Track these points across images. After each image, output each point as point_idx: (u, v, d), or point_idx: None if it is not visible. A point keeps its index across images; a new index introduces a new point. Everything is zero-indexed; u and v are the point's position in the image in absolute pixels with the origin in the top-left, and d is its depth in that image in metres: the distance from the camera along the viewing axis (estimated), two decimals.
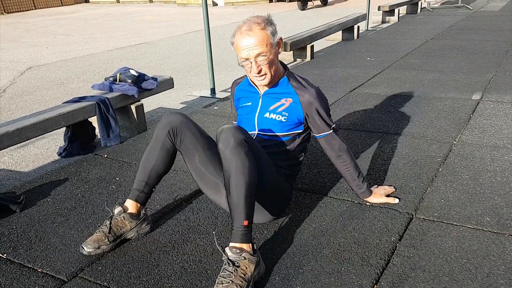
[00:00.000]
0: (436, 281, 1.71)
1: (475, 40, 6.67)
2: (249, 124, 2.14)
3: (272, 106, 2.08)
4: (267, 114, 2.09)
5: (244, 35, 1.91)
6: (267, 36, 1.92)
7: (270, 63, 1.96)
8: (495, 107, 3.62)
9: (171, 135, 2.01)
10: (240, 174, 1.72)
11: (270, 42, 1.93)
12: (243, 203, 1.73)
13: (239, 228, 1.73)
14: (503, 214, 2.12)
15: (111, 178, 2.75)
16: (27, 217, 2.34)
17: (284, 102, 2.07)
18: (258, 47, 1.90)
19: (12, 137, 2.74)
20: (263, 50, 1.91)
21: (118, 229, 2.01)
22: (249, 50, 1.91)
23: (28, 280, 1.85)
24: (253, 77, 2.01)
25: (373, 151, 2.90)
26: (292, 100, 2.06)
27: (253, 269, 1.70)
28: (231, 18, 13.14)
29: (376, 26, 9.09)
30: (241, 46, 1.93)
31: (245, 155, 1.74)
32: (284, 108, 2.06)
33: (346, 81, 4.67)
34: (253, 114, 2.13)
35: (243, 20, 1.98)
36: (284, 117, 2.06)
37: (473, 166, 2.62)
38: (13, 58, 7.90)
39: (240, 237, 1.73)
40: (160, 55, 7.63)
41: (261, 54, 1.92)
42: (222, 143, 1.75)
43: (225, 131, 1.76)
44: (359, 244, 1.96)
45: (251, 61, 1.94)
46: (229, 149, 1.73)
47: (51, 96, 5.26)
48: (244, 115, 2.18)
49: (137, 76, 3.60)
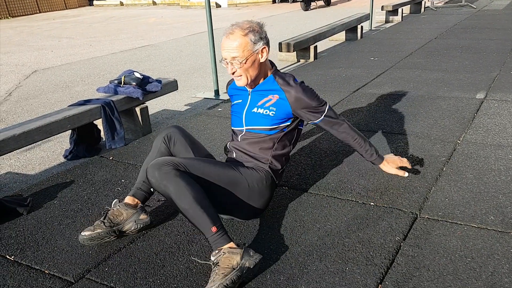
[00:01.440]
0: (441, 280, 1.71)
1: (479, 39, 6.66)
2: (239, 120, 2.24)
3: (260, 102, 2.17)
4: (255, 109, 2.18)
5: (226, 37, 2.04)
6: (246, 43, 2.01)
7: (246, 68, 2.06)
8: (499, 106, 3.61)
9: (165, 140, 2.21)
10: (181, 196, 1.81)
11: (248, 49, 2.02)
12: (200, 215, 1.80)
13: (211, 236, 1.80)
14: (507, 213, 2.12)
15: (117, 180, 2.77)
16: (34, 220, 2.36)
17: (271, 98, 2.15)
18: (235, 51, 2.01)
19: (18, 140, 2.77)
20: (238, 54, 2.01)
21: (114, 217, 2.09)
22: (227, 51, 2.04)
23: (36, 281, 1.87)
24: (230, 75, 2.12)
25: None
26: (278, 96, 2.13)
27: (238, 258, 1.74)
28: (234, 19, 13.14)
29: (379, 26, 9.09)
30: (222, 46, 2.06)
31: (176, 177, 1.82)
32: (271, 103, 2.14)
33: (350, 81, 4.68)
34: (242, 110, 2.22)
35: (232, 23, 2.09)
36: (272, 112, 2.13)
37: (477, 165, 2.62)
38: (19, 62, 7.96)
39: (216, 243, 1.79)
40: (164, 57, 7.66)
41: (236, 58, 2.02)
42: (151, 179, 1.86)
43: (149, 169, 1.87)
44: (363, 243, 1.97)
45: (227, 62, 2.06)
46: (159, 182, 1.83)
47: (57, 99, 5.29)
48: (235, 111, 2.28)
49: (142, 78, 3.62)
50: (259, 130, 2.16)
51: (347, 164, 2.75)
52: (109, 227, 2.05)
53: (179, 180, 1.82)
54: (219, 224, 1.81)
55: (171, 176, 1.82)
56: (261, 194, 2.11)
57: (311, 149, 3.00)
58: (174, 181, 1.81)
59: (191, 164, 1.93)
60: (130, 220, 2.10)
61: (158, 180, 1.83)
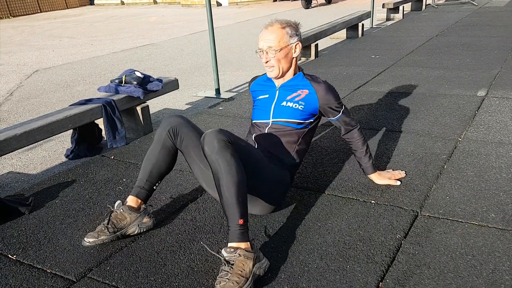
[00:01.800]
0: (441, 277, 1.72)
1: (480, 36, 6.65)
2: (265, 113, 2.29)
3: (289, 96, 2.26)
4: (284, 103, 2.26)
5: (265, 28, 2.18)
6: (283, 34, 2.16)
7: (279, 59, 2.18)
8: (501, 103, 3.61)
9: (171, 134, 2.12)
10: (228, 175, 1.76)
11: (284, 40, 2.16)
12: (235, 203, 1.76)
13: (234, 228, 1.75)
14: (508, 210, 2.12)
15: (118, 179, 2.78)
16: (36, 219, 2.37)
17: (301, 93, 2.25)
18: (271, 41, 2.14)
19: (20, 140, 2.78)
20: (274, 44, 2.14)
21: (118, 221, 2.07)
22: (263, 41, 2.16)
23: (38, 280, 1.88)
24: (264, 66, 2.23)
25: (379, 149, 2.91)
26: (308, 91, 2.24)
27: (251, 265, 1.71)
28: (235, 18, 13.16)
29: (380, 24, 9.08)
30: (259, 37, 2.20)
31: (230, 156, 1.78)
32: (301, 98, 2.24)
33: (351, 79, 4.68)
34: (270, 104, 2.30)
35: None
36: (301, 106, 2.23)
37: (478, 163, 2.62)
38: (20, 62, 7.97)
39: (237, 236, 1.75)
40: (165, 56, 7.67)
41: (271, 48, 2.15)
42: (207, 146, 1.79)
43: (208, 135, 1.81)
44: (364, 241, 1.97)
45: (263, 51, 2.18)
46: (215, 152, 1.77)
47: (58, 99, 5.30)
48: (260, 106, 2.35)
49: (143, 77, 3.63)
50: (286, 123, 2.24)
51: (347, 162, 2.75)
52: (112, 233, 2.04)
53: (231, 158, 1.77)
54: (246, 219, 1.78)
55: (227, 152, 1.77)
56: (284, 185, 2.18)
57: (311, 148, 3.00)
58: (227, 158, 1.76)
59: (243, 145, 1.92)
60: (134, 224, 2.10)
61: (214, 150, 1.77)
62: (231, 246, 1.74)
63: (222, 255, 1.73)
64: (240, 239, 1.74)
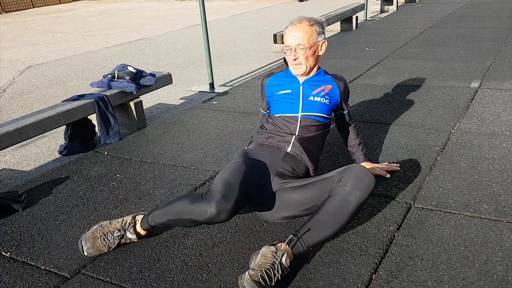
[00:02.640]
0: (434, 269, 1.73)
1: (474, 27, 6.65)
2: (292, 107, 2.29)
3: (315, 91, 2.30)
4: (311, 97, 2.28)
5: (293, 26, 2.19)
6: (312, 32, 2.18)
7: (307, 57, 2.20)
8: (494, 95, 3.62)
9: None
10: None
11: (313, 38, 2.18)
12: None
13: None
14: (500, 201, 2.13)
15: (112, 175, 2.77)
16: (30, 216, 2.36)
17: (324, 88, 2.31)
18: (300, 38, 2.16)
19: (12, 137, 2.76)
20: (304, 42, 2.16)
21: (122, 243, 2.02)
22: (292, 38, 2.17)
23: (32, 277, 1.88)
24: (291, 64, 2.25)
25: (372, 142, 2.91)
26: (331, 86, 2.32)
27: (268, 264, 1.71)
28: (229, 11, 13.11)
29: (374, 16, 9.07)
30: (287, 34, 2.20)
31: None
32: (325, 92, 2.30)
33: (345, 72, 4.68)
34: (297, 99, 2.29)
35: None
36: (327, 100, 2.29)
37: (471, 155, 2.63)
38: (13, 58, 7.92)
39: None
40: (158, 50, 7.64)
41: (300, 45, 2.16)
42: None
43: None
44: (357, 234, 1.98)
45: (291, 49, 2.19)
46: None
47: (51, 95, 5.28)
48: (284, 100, 2.31)
49: (135, 72, 3.61)
50: (315, 117, 2.27)
51: (341, 155, 2.75)
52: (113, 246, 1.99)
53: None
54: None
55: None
56: None
57: None
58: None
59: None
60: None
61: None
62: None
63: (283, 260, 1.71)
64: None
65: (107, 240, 1.96)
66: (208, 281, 1.76)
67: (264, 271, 1.63)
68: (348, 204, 1.78)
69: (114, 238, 1.97)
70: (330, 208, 1.80)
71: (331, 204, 1.80)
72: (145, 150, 3.13)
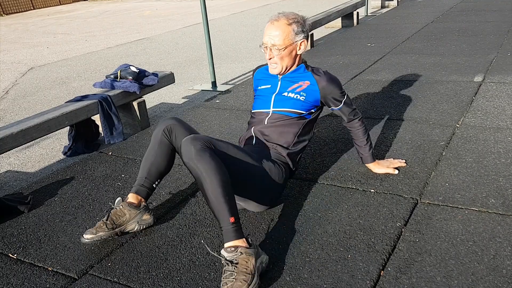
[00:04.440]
0: (443, 264, 1.72)
1: (476, 21, 6.63)
2: (265, 103, 2.28)
3: (291, 87, 2.25)
4: (286, 93, 2.25)
5: (271, 23, 2.12)
6: (289, 32, 2.10)
7: (282, 57, 2.15)
8: (497, 88, 3.60)
9: (166, 133, 2.10)
10: (210, 176, 1.74)
11: (289, 38, 2.11)
12: (223, 202, 1.74)
13: (227, 227, 1.73)
14: (508, 195, 2.12)
15: (117, 175, 2.77)
16: (36, 217, 2.37)
17: (302, 84, 2.24)
18: (276, 38, 2.10)
19: (17, 139, 2.76)
20: (279, 42, 2.10)
21: (117, 218, 2.04)
22: (268, 37, 2.12)
23: (39, 279, 1.88)
24: (267, 60, 2.21)
25: (376, 138, 2.90)
26: (309, 82, 2.23)
27: (254, 261, 1.69)
28: (230, 9, 13.09)
29: (375, 12, 9.05)
30: (265, 31, 2.15)
31: (209, 158, 1.76)
32: (302, 89, 2.24)
33: (347, 69, 4.66)
34: (271, 94, 2.29)
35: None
36: (302, 97, 2.23)
37: (476, 149, 2.62)
38: (14, 60, 7.92)
39: (231, 234, 1.72)
40: (160, 50, 7.63)
41: (276, 45, 2.11)
42: (184, 155, 1.79)
43: (184, 144, 1.80)
44: (364, 231, 1.97)
45: (267, 47, 2.14)
46: (192, 158, 1.76)
47: (54, 96, 5.28)
48: (261, 96, 2.34)
49: (138, 72, 3.61)
50: (286, 113, 2.23)
51: (346, 152, 2.74)
52: (111, 229, 2.02)
53: (211, 161, 1.75)
54: (237, 216, 1.76)
55: (205, 156, 1.75)
56: (278, 184, 2.13)
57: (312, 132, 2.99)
58: (206, 161, 1.74)
59: (224, 146, 1.90)
60: (133, 221, 2.08)
61: (191, 156, 1.76)
62: (230, 246, 1.71)
63: (223, 256, 1.70)
64: (236, 237, 1.72)
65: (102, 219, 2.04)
66: (216, 280, 1.75)
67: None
68: (193, 171, 1.79)
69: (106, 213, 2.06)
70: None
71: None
72: None
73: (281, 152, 2.20)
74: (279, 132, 2.22)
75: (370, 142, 2.38)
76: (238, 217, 1.76)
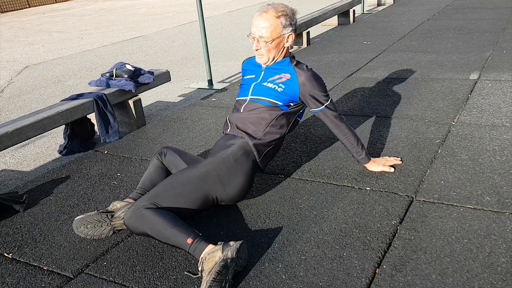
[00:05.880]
0: (438, 262, 1.72)
1: (472, 19, 6.64)
2: (245, 91, 2.35)
3: (272, 78, 2.28)
4: (265, 83, 2.28)
5: (260, 14, 2.13)
6: (277, 25, 2.12)
7: (269, 49, 2.18)
8: (493, 86, 3.61)
9: (158, 156, 2.29)
10: (151, 228, 1.84)
11: (277, 31, 2.13)
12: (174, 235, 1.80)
13: (191, 248, 1.78)
14: (503, 193, 2.13)
15: (113, 174, 2.76)
16: (31, 216, 2.36)
17: (283, 76, 2.26)
18: (264, 30, 2.12)
19: (12, 138, 2.75)
20: (267, 35, 2.12)
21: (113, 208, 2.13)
22: (256, 28, 2.14)
23: (35, 278, 1.87)
24: (254, 50, 2.24)
25: (372, 136, 2.90)
26: (289, 76, 2.24)
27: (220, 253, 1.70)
28: (226, 7, 13.07)
29: (372, 9, 9.05)
30: (253, 22, 2.17)
31: (141, 216, 1.86)
32: (282, 81, 2.25)
33: (343, 66, 4.66)
34: (252, 83, 2.34)
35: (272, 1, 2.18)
36: (280, 88, 2.24)
37: (472, 146, 2.63)
38: (10, 58, 7.89)
39: (196, 251, 1.76)
40: (156, 48, 7.61)
41: (263, 37, 2.14)
42: (129, 227, 1.90)
43: (125, 221, 1.91)
44: (360, 228, 1.97)
45: (254, 38, 2.17)
46: (134, 228, 1.88)
47: (49, 94, 5.26)
48: (244, 84, 2.40)
49: (133, 70, 3.60)
50: (262, 101, 2.25)
51: (342, 150, 2.74)
52: (101, 212, 2.07)
53: (145, 215, 1.85)
54: (193, 234, 1.80)
55: (139, 216, 1.85)
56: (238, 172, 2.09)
57: (306, 137, 2.99)
58: (141, 219, 1.85)
59: (160, 190, 1.96)
60: (123, 209, 2.09)
61: (132, 226, 1.87)
62: (199, 259, 1.74)
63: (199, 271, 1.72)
64: (200, 250, 1.76)
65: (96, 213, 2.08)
66: None
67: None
68: None
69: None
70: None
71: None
72: (145, 148, 3.12)
73: (247, 141, 2.19)
74: (251, 121, 2.24)
75: (361, 144, 2.36)
76: (194, 234, 1.81)
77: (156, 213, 1.85)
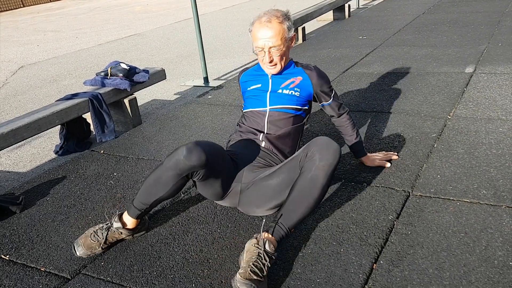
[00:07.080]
0: (435, 256, 1.73)
1: (467, 12, 6.63)
2: (260, 102, 2.27)
3: (284, 84, 2.24)
4: (280, 90, 2.24)
5: (263, 26, 2.06)
6: (284, 30, 2.09)
7: (282, 55, 2.14)
8: (489, 79, 3.61)
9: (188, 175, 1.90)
10: None
11: (285, 36, 2.09)
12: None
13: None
14: (499, 186, 2.13)
15: (109, 174, 2.76)
16: (28, 217, 2.35)
17: (294, 80, 2.25)
18: (274, 39, 2.06)
19: (7, 139, 2.74)
20: (277, 43, 2.08)
21: (113, 239, 1.99)
22: (265, 40, 2.07)
23: (32, 279, 1.87)
24: (264, 65, 2.18)
25: (368, 131, 2.90)
26: (302, 78, 2.25)
27: None
28: (221, 4, 13.03)
29: (367, 4, 9.03)
30: (258, 36, 2.08)
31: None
32: (295, 84, 2.24)
33: (339, 62, 4.66)
34: (265, 92, 2.26)
35: (263, 11, 2.13)
36: (297, 92, 2.23)
37: (468, 140, 2.63)
38: (5, 58, 7.85)
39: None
40: (151, 46, 7.59)
41: (275, 46, 2.08)
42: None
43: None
44: (357, 224, 1.98)
45: (265, 51, 2.10)
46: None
47: (45, 94, 5.24)
48: (254, 95, 2.31)
49: (128, 69, 3.58)
50: (284, 109, 2.22)
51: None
52: (106, 249, 1.98)
53: None
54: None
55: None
56: None
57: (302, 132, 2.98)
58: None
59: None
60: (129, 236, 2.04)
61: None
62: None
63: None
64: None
65: (97, 236, 1.96)
66: (209, 277, 1.75)
67: (253, 265, 1.63)
68: (317, 178, 1.80)
69: (103, 232, 1.96)
70: (301, 185, 1.82)
71: (301, 182, 1.83)
72: (141, 147, 3.11)
73: (281, 159, 2.20)
74: (284, 142, 2.22)
75: (359, 136, 2.39)
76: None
77: None
